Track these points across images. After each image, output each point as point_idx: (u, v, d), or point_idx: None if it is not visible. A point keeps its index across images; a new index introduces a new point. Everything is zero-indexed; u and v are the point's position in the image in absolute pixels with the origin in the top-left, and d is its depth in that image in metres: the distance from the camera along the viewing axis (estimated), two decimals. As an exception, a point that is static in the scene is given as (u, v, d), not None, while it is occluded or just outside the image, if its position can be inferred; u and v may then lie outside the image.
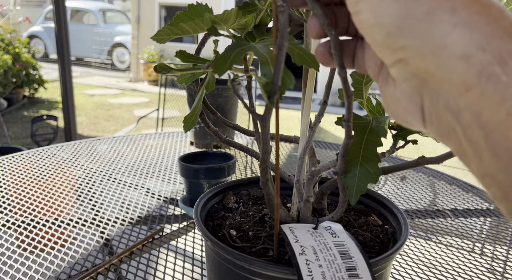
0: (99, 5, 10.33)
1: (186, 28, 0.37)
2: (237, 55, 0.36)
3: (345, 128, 0.32)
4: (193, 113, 0.47)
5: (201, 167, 0.87)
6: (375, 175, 0.35)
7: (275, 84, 0.31)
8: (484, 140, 0.21)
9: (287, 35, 0.30)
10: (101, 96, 6.58)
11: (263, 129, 0.31)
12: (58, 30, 2.73)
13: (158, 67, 0.39)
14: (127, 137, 1.47)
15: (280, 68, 0.32)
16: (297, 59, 0.36)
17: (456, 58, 0.22)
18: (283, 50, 0.31)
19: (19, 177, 1.07)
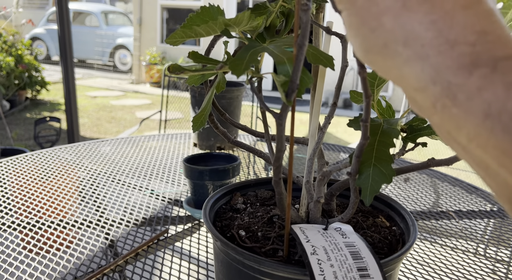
0: (101, 7, 10.36)
1: (200, 31, 0.37)
2: (252, 56, 0.37)
3: (362, 129, 0.32)
4: (202, 113, 0.47)
5: (206, 169, 0.87)
6: (389, 175, 0.35)
7: (293, 83, 0.32)
8: (462, 151, 0.22)
9: (308, 34, 0.30)
10: (103, 98, 6.59)
11: (279, 127, 0.31)
12: (61, 32, 2.74)
13: (172, 68, 0.39)
14: (130, 139, 1.47)
15: (300, 66, 0.32)
16: (312, 59, 0.36)
17: (412, 89, 0.23)
18: (303, 49, 0.31)
19: (23, 179, 1.07)
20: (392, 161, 0.35)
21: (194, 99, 1.37)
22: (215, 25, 0.38)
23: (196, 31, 0.38)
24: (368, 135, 0.32)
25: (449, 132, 0.22)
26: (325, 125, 0.44)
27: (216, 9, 0.42)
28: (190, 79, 0.47)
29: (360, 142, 0.32)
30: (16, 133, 4.08)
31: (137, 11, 8.16)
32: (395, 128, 0.38)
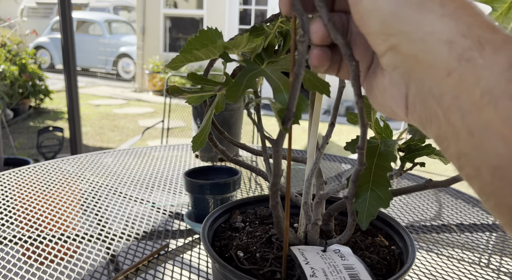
0: (105, 16, 10.43)
1: (199, 55, 0.38)
2: (249, 81, 0.37)
3: (358, 156, 0.32)
4: (202, 133, 0.47)
5: (206, 183, 0.87)
6: (386, 200, 0.35)
7: (290, 111, 0.32)
8: (461, 121, 0.24)
9: (305, 64, 0.31)
10: (106, 106, 6.61)
11: (275, 153, 0.31)
12: (64, 41, 2.76)
13: (171, 90, 0.39)
14: (133, 150, 1.48)
15: (296, 95, 0.32)
16: (308, 85, 0.36)
17: (441, 43, 0.24)
18: (299, 78, 0.31)
19: (26, 192, 1.08)
20: (389, 186, 0.35)
21: (196, 111, 1.38)
22: (214, 48, 0.39)
23: (196, 55, 0.38)
24: (364, 161, 0.32)
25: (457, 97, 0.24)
26: (322, 145, 0.44)
27: (214, 31, 0.42)
28: (189, 99, 0.47)
29: (356, 168, 0.33)
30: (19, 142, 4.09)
31: (141, 20, 8.21)
32: (392, 151, 0.38)
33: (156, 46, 8.23)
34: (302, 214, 0.44)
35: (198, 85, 0.42)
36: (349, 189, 0.35)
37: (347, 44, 0.28)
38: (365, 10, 0.28)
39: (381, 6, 0.27)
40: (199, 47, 0.42)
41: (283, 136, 0.33)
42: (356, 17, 0.29)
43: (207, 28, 0.42)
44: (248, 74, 0.39)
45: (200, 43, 0.42)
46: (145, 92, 8.16)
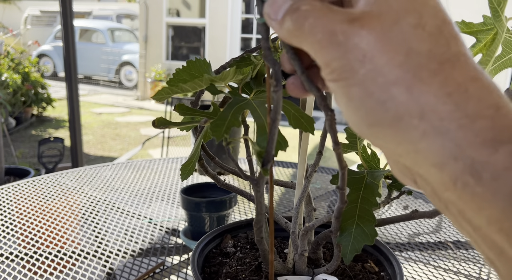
0: (108, 24, 10.50)
1: (186, 88, 0.38)
2: (234, 115, 0.37)
3: (339, 195, 0.33)
4: (190, 161, 0.48)
5: (203, 201, 0.87)
6: (371, 236, 0.35)
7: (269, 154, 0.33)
8: (473, 233, 0.21)
9: (281, 110, 0.31)
10: (108, 114, 6.63)
11: (256, 193, 0.32)
12: (66, 50, 2.78)
13: (157, 122, 0.40)
14: (132, 163, 1.48)
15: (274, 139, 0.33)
16: (293, 122, 0.37)
17: (429, 165, 0.21)
18: (276, 123, 0.32)
19: (24, 206, 1.08)
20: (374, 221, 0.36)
21: (194, 125, 1.38)
22: (201, 81, 0.39)
23: (182, 87, 0.39)
24: (346, 200, 0.32)
25: (462, 212, 0.21)
26: (310, 173, 0.45)
27: (202, 62, 0.43)
28: (181, 126, 0.48)
29: (338, 205, 0.33)
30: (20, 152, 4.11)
31: (143, 29, 8.26)
32: (377, 185, 0.38)
33: (158, 55, 8.27)
34: (290, 242, 0.44)
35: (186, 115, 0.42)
36: (333, 224, 0.36)
37: (321, 96, 0.28)
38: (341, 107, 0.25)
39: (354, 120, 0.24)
40: (186, 78, 0.42)
41: (263, 178, 0.33)
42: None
43: (195, 59, 0.43)
44: (234, 107, 0.40)
45: (188, 73, 0.42)
46: (147, 100, 8.19)
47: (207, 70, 0.43)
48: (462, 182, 0.20)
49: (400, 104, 0.21)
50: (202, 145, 0.50)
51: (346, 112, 0.24)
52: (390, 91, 0.21)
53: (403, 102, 0.21)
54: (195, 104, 0.47)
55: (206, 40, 7.96)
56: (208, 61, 0.43)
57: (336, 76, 0.23)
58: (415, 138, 0.21)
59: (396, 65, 0.21)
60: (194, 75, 0.42)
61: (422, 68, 0.21)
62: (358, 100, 0.23)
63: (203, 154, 0.51)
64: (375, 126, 0.22)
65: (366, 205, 0.37)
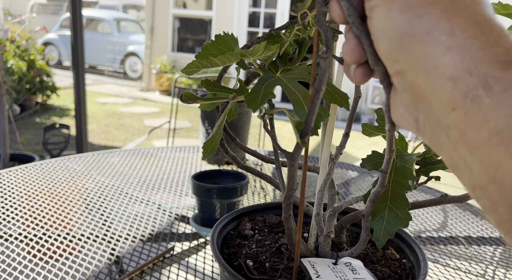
0: (114, 14, 10.47)
1: (215, 61, 0.37)
2: (267, 89, 0.37)
3: (380, 178, 0.32)
4: (213, 140, 0.47)
5: (214, 187, 0.87)
6: (405, 219, 0.35)
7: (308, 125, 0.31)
8: (470, 156, 0.23)
9: (326, 80, 0.30)
10: (113, 104, 6.63)
11: (290, 167, 0.31)
12: (74, 39, 2.77)
13: (184, 96, 0.39)
14: (139, 150, 1.48)
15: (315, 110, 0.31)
16: (327, 97, 0.36)
17: (445, 78, 0.23)
18: (320, 94, 0.31)
19: (32, 189, 1.08)
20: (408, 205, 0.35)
21: (204, 113, 1.37)
22: (231, 56, 0.38)
23: (212, 61, 0.38)
24: (386, 184, 0.31)
25: (463, 133, 0.23)
26: (336, 155, 0.44)
27: (230, 37, 0.42)
28: (202, 105, 0.47)
29: (376, 189, 0.32)
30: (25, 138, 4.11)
31: (149, 20, 8.23)
32: (409, 168, 0.37)
33: (164, 46, 8.25)
34: (313, 225, 0.43)
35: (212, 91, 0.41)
36: (366, 208, 0.35)
37: (385, 72, 0.27)
38: (374, 29, 0.27)
39: (388, 31, 0.26)
40: (215, 53, 0.41)
41: (299, 150, 0.32)
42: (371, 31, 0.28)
43: (224, 34, 0.42)
44: (265, 83, 0.39)
45: (216, 48, 0.41)
46: (151, 91, 8.18)
47: (235, 46, 0.42)
48: (473, 95, 0.22)
49: (434, 20, 0.24)
50: (224, 126, 0.49)
51: (380, 26, 0.26)
52: (428, 8, 0.24)
53: (438, 19, 0.24)
54: (219, 80, 0.46)
55: (212, 33, 7.93)
56: (236, 36, 0.42)
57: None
58: (439, 52, 0.23)
59: None
60: (222, 50, 0.41)
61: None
62: (398, 11, 0.25)
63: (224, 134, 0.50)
64: (406, 37, 0.24)
65: (398, 189, 0.36)
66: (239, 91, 0.42)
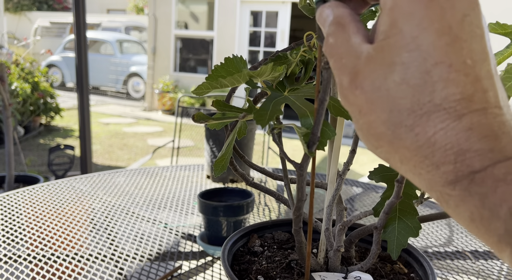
0: (117, 36, 10.61)
1: (225, 83, 0.39)
2: (275, 106, 0.38)
3: (396, 188, 0.33)
4: (223, 158, 0.48)
5: (220, 205, 0.87)
6: (415, 229, 0.36)
7: (315, 135, 0.33)
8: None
9: (329, 90, 0.32)
10: (116, 125, 6.67)
11: (299, 177, 0.32)
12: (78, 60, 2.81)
13: (196, 117, 0.40)
14: (144, 170, 1.49)
15: (321, 120, 0.33)
16: (334, 111, 0.37)
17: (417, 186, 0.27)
18: (324, 104, 0.33)
19: (39, 210, 1.08)
20: (417, 214, 0.36)
21: (208, 132, 1.39)
22: (239, 77, 0.40)
23: (221, 82, 0.39)
24: (401, 194, 0.32)
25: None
26: (343, 171, 0.45)
27: (239, 59, 0.43)
28: (211, 124, 0.48)
29: (391, 200, 0.33)
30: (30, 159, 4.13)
31: (152, 40, 8.34)
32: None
33: (166, 66, 8.33)
34: (322, 240, 0.44)
35: (222, 111, 0.43)
36: (380, 220, 0.36)
37: None
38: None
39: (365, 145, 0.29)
40: (224, 74, 0.43)
41: (307, 160, 0.33)
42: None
43: (233, 56, 0.43)
44: (273, 101, 0.41)
45: (226, 70, 0.43)
46: (154, 111, 8.23)
47: (243, 67, 0.43)
48: (441, 204, 0.26)
49: (386, 152, 0.27)
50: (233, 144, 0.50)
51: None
52: (379, 142, 0.27)
53: (388, 151, 0.26)
54: (228, 100, 0.47)
55: (214, 53, 8.02)
56: (245, 58, 0.44)
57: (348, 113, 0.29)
58: (402, 173, 0.27)
59: (382, 122, 0.26)
60: (231, 72, 0.42)
61: (400, 125, 0.25)
62: (362, 139, 0.28)
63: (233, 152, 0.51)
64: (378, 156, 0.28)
65: (407, 199, 0.37)
66: (248, 110, 0.43)
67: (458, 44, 0.24)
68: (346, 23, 0.28)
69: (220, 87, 0.40)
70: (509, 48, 0.42)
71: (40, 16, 13.57)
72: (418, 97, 0.24)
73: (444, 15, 0.24)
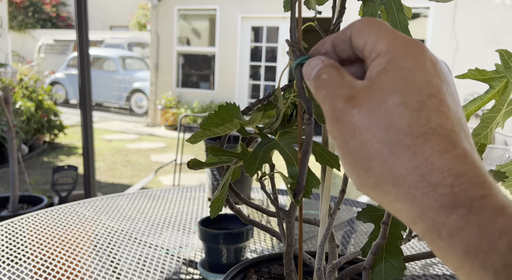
0: (119, 52, 10.72)
1: (217, 131, 0.41)
2: (264, 154, 0.40)
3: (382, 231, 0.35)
4: (219, 198, 0.50)
5: (220, 233, 0.89)
6: (400, 269, 0.37)
7: (300, 185, 0.35)
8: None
9: (312, 143, 0.34)
10: (119, 141, 6.70)
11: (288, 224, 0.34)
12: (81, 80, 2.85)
13: (191, 163, 0.42)
14: (146, 193, 1.51)
15: (305, 171, 0.35)
16: (319, 159, 0.39)
17: (405, 221, 0.26)
18: (307, 155, 0.35)
19: (43, 237, 1.10)
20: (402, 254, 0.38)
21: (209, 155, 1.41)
22: (231, 125, 0.42)
23: (214, 131, 0.41)
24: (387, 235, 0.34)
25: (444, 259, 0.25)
26: (334, 211, 0.47)
27: (232, 106, 0.45)
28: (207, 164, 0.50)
29: (378, 241, 0.35)
30: (33, 179, 4.15)
31: (154, 57, 8.43)
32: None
33: (169, 82, 8.40)
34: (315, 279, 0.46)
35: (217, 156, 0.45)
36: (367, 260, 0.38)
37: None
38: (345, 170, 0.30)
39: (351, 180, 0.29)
40: (218, 121, 0.45)
41: (294, 208, 0.35)
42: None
43: (226, 104, 0.46)
44: (263, 147, 0.43)
45: (219, 117, 0.45)
46: (157, 126, 8.28)
47: (236, 113, 0.45)
48: (429, 237, 0.25)
49: (378, 173, 0.26)
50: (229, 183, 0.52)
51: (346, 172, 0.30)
52: (371, 162, 0.26)
53: (380, 172, 0.26)
54: (221, 145, 0.49)
55: (215, 68, 8.09)
56: (238, 105, 0.46)
57: (337, 143, 0.28)
58: (391, 200, 0.26)
59: (377, 140, 0.26)
60: (225, 119, 0.44)
61: (397, 143, 0.25)
62: (350, 167, 0.28)
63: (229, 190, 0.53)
64: (363, 187, 0.28)
65: (392, 239, 0.39)
66: (241, 155, 0.45)
67: (446, 86, 0.27)
68: (339, 66, 0.30)
69: (213, 135, 0.42)
70: (488, 93, 0.44)
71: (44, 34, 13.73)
72: (416, 119, 0.25)
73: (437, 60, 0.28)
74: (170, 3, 8.19)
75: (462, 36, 6.46)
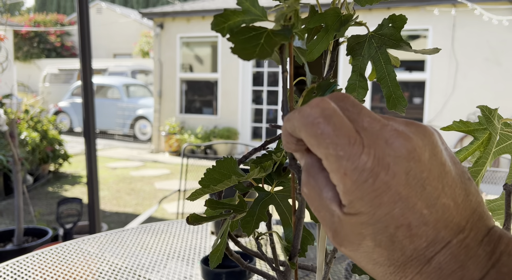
0: (123, 80, 10.87)
1: (216, 188, 0.43)
2: (261, 210, 0.42)
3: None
4: (218, 249, 0.51)
5: (222, 271, 0.90)
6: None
7: (295, 248, 0.36)
8: None
9: (305, 210, 0.35)
10: (123, 169, 6.73)
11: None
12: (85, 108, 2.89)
13: (190, 218, 0.44)
14: (150, 227, 1.52)
15: (299, 235, 0.37)
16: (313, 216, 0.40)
17: None
18: (301, 220, 0.36)
19: (49, 276, 1.11)
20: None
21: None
22: (229, 181, 0.44)
23: (213, 188, 0.43)
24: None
25: None
26: (330, 259, 0.48)
27: (229, 160, 0.47)
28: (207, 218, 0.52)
29: None
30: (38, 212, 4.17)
31: (157, 84, 8.53)
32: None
33: (172, 108, 8.48)
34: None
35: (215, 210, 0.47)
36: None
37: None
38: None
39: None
40: (216, 176, 0.47)
41: (290, 271, 0.37)
42: None
43: (224, 158, 0.48)
44: (260, 202, 0.44)
45: (218, 172, 0.47)
46: (161, 153, 8.32)
47: (233, 167, 0.47)
48: None
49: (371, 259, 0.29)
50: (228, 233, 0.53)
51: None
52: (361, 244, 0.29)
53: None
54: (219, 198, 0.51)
55: (218, 93, 8.18)
56: (235, 158, 0.48)
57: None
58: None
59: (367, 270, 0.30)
60: (223, 173, 0.46)
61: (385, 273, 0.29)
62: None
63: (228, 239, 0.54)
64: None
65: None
66: (238, 206, 0.47)
67: (411, 202, 0.26)
68: (316, 173, 0.30)
69: (211, 191, 0.44)
70: (473, 144, 0.45)
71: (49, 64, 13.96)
72: (392, 254, 0.28)
73: (389, 186, 0.26)
74: (172, 31, 8.34)
75: (461, 57, 6.53)
